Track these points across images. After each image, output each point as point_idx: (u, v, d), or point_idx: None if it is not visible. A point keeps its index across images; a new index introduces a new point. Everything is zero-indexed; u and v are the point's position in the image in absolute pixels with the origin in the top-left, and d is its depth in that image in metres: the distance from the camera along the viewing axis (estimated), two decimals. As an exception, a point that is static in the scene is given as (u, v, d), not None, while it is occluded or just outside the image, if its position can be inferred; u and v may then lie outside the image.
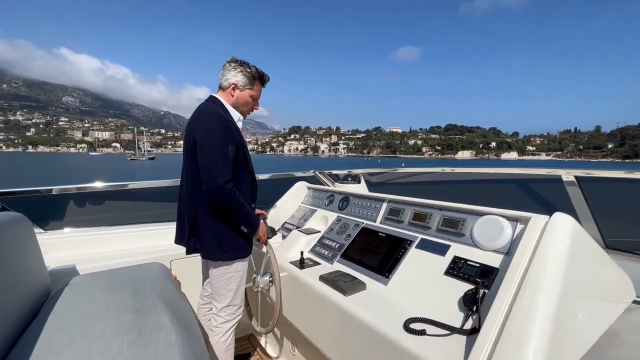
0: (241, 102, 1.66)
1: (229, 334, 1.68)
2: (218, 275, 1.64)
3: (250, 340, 2.42)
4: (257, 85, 1.68)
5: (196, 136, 1.49)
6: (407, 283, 1.37)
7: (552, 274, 0.96)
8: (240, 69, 1.62)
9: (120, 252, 2.19)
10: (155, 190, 2.75)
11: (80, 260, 2.00)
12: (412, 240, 1.54)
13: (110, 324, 1.23)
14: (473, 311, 1.09)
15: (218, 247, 1.58)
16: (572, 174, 1.58)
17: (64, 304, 1.43)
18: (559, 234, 1.04)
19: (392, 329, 1.13)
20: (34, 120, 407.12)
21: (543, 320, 0.89)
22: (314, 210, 2.35)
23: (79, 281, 1.67)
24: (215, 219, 1.57)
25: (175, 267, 2.18)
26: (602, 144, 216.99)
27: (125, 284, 1.62)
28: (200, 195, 1.55)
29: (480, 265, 1.22)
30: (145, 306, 1.37)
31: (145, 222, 2.49)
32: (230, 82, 1.62)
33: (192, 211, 1.60)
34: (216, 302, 1.69)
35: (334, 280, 1.49)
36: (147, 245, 2.31)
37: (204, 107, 1.59)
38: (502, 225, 1.26)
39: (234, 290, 1.67)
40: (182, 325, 1.24)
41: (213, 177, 1.44)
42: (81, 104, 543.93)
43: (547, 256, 1.00)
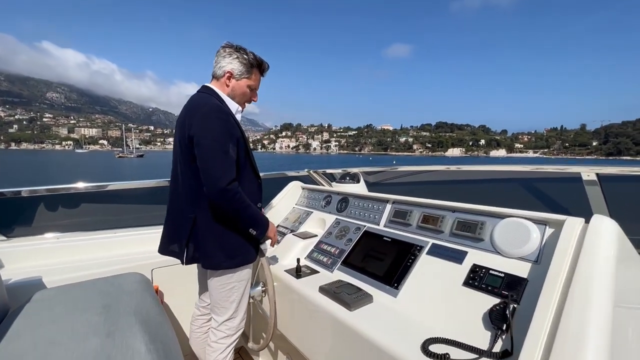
0: (238, 92, 1.47)
1: (229, 351, 1.50)
2: (219, 285, 1.45)
3: (241, 353, 2.23)
4: (256, 74, 1.49)
5: (192, 132, 1.31)
6: (420, 295, 1.21)
7: (601, 286, 0.82)
8: (236, 55, 1.43)
9: (95, 260, 1.97)
10: (135, 192, 2.53)
11: (47, 271, 1.77)
12: (422, 246, 1.38)
13: (74, 351, 1.03)
14: (502, 330, 0.94)
15: (223, 254, 1.39)
16: (594, 171, 1.45)
17: (21, 325, 1.22)
18: (604, 240, 0.90)
19: (408, 351, 0.97)
20: (17, 117, 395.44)
21: (597, 340, 0.74)
22: (309, 212, 2.18)
23: (42, 297, 1.45)
24: (219, 222, 1.38)
25: (157, 277, 1.98)
26: (587, 142, 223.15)
27: (97, 299, 1.41)
28: (200, 198, 1.37)
29: (506, 276, 1.07)
30: (118, 327, 1.17)
31: (124, 226, 2.27)
32: (225, 71, 1.43)
33: (190, 216, 1.40)
34: (216, 315, 1.50)
35: (335, 292, 1.32)
36: (125, 253, 2.10)
37: (198, 99, 1.40)
38: (528, 229, 1.11)
39: (237, 302, 1.49)
40: (159, 351, 1.05)
41: (215, 178, 1.27)
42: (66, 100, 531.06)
43: (593, 266, 0.86)
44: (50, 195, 2.25)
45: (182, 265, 2.05)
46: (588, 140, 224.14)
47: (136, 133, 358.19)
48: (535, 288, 0.97)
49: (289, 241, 1.93)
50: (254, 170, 1.51)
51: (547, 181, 1.92)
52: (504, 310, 0.96)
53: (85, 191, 2.38)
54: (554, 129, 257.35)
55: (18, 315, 1.28)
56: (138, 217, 2.48)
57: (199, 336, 1.66)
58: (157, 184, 2.50)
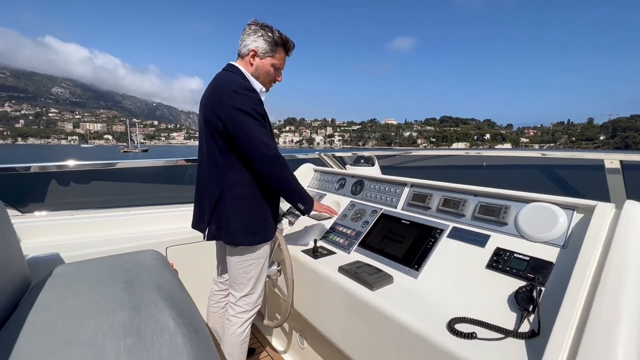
0: (261, 71, 1.46)
1: (247, 326, 1.53)
2: (238, 262, 1.48)
3: (253, 331, 2.27)
4: (280, 52, 1.46)
5: (222, 110, 1.31)
6: (442, 277, 1.22)
7: (636, 272, 0.82)
8: (261, 33, 1.40)
9: (110, 238, 1.98)
10: (148, 171, 2.52)
11: (63, 247, 1.78)
12: (442, 229, 1.39)
13: (102, 323, 1.04)
14: (529, 311, 0.95)
15: (244, 230, 1.41)
16: (617, 158, 1.44)
17: (46, 298, 1.23)
18: (637, 226, 0.90)
19: (433, 330, 0.99)
20: (23, 112, 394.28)
21: (631, 324, 0.75)
22: (322, 195, 2.18)
23: (63, 271, 1.47)
24: (242, 200, 1.41)
25: (171, 255, 1.99)
26: (594, 136, 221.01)
27: (117, 274, 1.42)
28: (224, 175, 1.40)
29: (531, 259, 1.08)
30: (143, 301, 1.18)
31: (137, 205, 2.27)
32: (249, 49, 1.41)
33: (214, 192, 1.42)
34: (234, 290, 1.54)
35: (356, 273, 1.33)
36: (140, 231, 2.11)
37: (225, 77, 1.40)
38: (555, 214, 1.11)
39: (255, 278, 1.51)
40: (187, 325, 1.06)
41: (264, 146, 1.30)
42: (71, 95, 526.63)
43: (626, 251, 0.86)
44: (60, 172, 2.24)
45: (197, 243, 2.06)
46: (595, 135, 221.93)
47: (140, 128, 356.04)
48: (562, 272, 0.98)
49: (304, 223, 1.93)
50: None
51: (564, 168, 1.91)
52: (531, 292, 0.97)
53: (94, 169, 2.37)
54: (561, 123, 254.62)
55: (42, 288, 1.30)
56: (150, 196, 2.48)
57: (217, 311, 1.69)
58: (165, 163, 2.48)
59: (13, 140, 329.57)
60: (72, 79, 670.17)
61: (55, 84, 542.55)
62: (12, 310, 1.17)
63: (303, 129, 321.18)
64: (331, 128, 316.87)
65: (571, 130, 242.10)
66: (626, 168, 1.52)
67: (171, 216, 2.26)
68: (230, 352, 1.52)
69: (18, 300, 1.26)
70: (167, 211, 2.27)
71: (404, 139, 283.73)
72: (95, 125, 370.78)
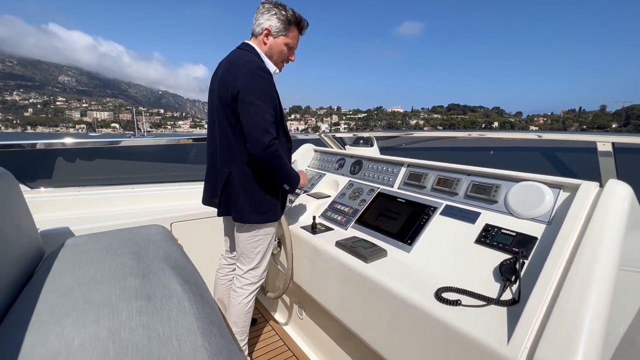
0: (275, 51, 1.47)
1: (252, 297, 1.63)
2: (247, 237, 1.54)
3: (255, 304, 2.38)
4: (294, 31, 1.47)
5: (236, 89, 1.32)
6: (433, 251, 1.29)
7: (610, 246, 0.88)
8: (274, 12, 1.40)
9: (117, 213, 2.06)
10: (152, 149, 2.57)
11: (72, 220, 1.86)
12: (436, 207, 1.45)
13: (115, 288, 1.13)
14: (511, 281, 1.02)
15: (253, 209, 1.46)
16: (609, 140, 1.48)
17: (61, 266, 1.31)
18: (617, 203, 0.95)
19: (422, 298, 1.06)
20: (31, 100, 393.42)
21: (600, 294, 0.82)
22: (322, 175, 2.23)
23: (74, 242, 1.55)
24: (251, 179, 1.44)
25: (175, 230, 2.07)
26: (606, 124, 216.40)
27: (126, 245, 1.50)
28: (235, 154, 1.42)
29: (517, 234, 1.14)
30: (152, 270, 1.26)
31: (142, 182, 2.34)
32: (263, 27, 1.42)
33: (225, 170, 1.46)
34: (241, 264, 1.62)
35: (352, 247, 1.40)
36: (144, 207, 2.18)
37: (240, 55, 1.41)
38: (542, 192, 1.16)
39: (262, 252, 1.59)
40: (193, 291, 1.14)
41: (258, 134, 1.30)
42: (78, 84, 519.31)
43: (604, 226, 0.91)
44: (66, 149, 2.29)
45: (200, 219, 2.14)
46: (607, 122, 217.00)
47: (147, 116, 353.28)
48: (545, 246, 1.04)
49: (303, 201, 2.00)
50: (286, 133, 1.55)
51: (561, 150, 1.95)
52: (514, 264, 1.04)
53: (99, 147, 2.42)
54: (572, 110, 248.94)
55: (55, 258, 1.38)
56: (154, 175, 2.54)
57: (224, 283, 1.79)
58: (169, 141, 2.53)
59: (23, 128, 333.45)
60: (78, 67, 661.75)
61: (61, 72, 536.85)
62: (28, 279, 1.25)
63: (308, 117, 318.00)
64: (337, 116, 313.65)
65: (582, 117, 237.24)
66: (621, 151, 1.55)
67: (175, 194, 2.33)
68: (235, 320, 1.62)
69: (33, 270, 1.34)
70: (172, 189, 2.34)
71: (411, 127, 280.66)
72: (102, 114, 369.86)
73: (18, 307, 1.02)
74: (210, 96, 1.52)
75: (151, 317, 0.94)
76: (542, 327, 0.83)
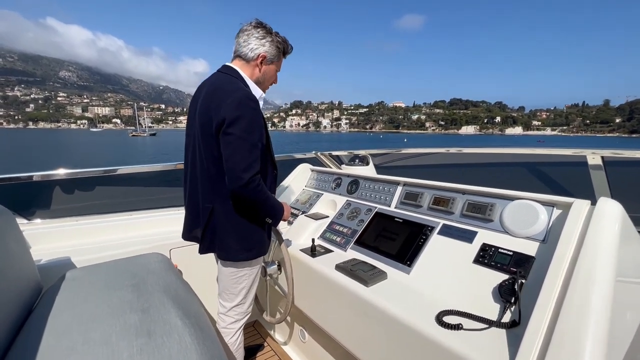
0: (267, 77, 1.44)
1: (239, 334, 1.57)
2: (230, 273, 1.47)
3: (256, 327, 2.36)
4: (281, 58, 1.47)
5: (219, 119, 1.24)
6: (432, 272, 1.30)
7: (605, 264, 0.89)
8: (270, 38, 1.37)
9: (116, 242, 2.05)
10: (149, 175, 2.58)
11: (71, 252, 1.85)
12: (433, 226, 1.46)
13: (115, 325, 1.12)
14: (511, 303, 1.03)
15: (240, 246, 1.39)
16: (599, 154, 1.51)
17: (60, 303, 1.30)
18: (609, 221, 0.97)
19: (423, 323, 1.06)
20: (33, 96, 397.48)
21: (599, 313, 0.83)
22: (319, 194, 2.25)
23: (73, 276, 1.54)
24: (237, 214, 1.37)
25: (175, 256, 2.07)
26: (609, 119, 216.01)
27: (125, 278, 1.50)
28: (218, 188, 1.34)
29: (514, 254, 1.15)
30: (151, 303, 1.26)
31: (140, 208, 2.34)
32: (258, 53, 1.36)
33: (208, 206, 1.38)
34: (224, 300, 1.54)
35: (352, 270, 1.40)
36: (143, 234, 2.18)
37: (226, 83, 1.32)
38: (536, 211, 1.18)
39: (247, 289, 1.52)
40: (194, 325, 1.14)
41: (239, 170, 1.23)
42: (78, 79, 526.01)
43: (597, 245, 0.93)
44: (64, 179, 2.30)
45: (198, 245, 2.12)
46: (611, 117, 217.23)
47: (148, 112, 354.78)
48: (542, 265, 1.05)
49: (302, 222, 2.00)
50: (272, 161, 1.50)
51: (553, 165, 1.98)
52: (513, 285, 1.04)
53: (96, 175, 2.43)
54: (575, 105, 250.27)
55: (54, 293, 1.37)
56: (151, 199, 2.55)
57: None
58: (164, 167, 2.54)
59: (24, 124, 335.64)
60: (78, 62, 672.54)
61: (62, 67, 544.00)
62: (27, 315, 1.24)
63: (310, 112, 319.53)
64: (338, 111, 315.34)
65: (586, 112, 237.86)
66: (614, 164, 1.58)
67: (173, 218, 2.33)
68: None
69: (31, 306, 1.33)
70: (170, 214, 2.34)
71: (412, 122, 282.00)
72: (104, 109, 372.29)
73: (16, 349, 1.01)
74: (190, 123, 1.42)
75: (152, 356, 0.93)
76: (544, 350, 0.83)
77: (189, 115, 1.45)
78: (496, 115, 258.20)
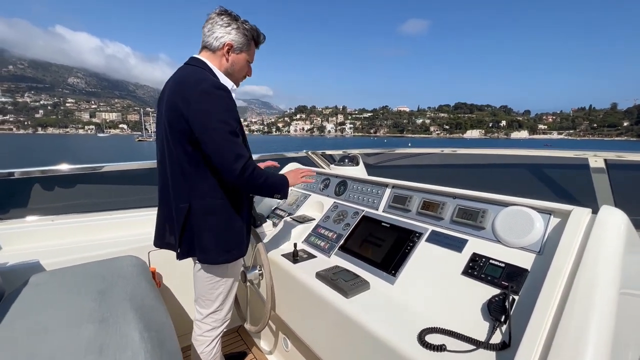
0: (237, 68, 1.35)
1: (215, 342, 1.46)
2: (206, 277, 1.37)
3: (240, 332, 2.27)
4: (252, 46, 1.37)
5: (190, 113, 1.16)
6: (418, 283, 1.19)
7: (608, 279, 0.79)
8: (236, 26, 1.28)
9: (92, 243, 1.95)
10: (132, 173, 2.48)
11: (43, 253, 1.76)
12: (421, 233, 1.36)
13: (66, 338, 1.02)
14: (501, 322, 0.93)
15: (219, 247, 1.30)
16: (602, 157, 1.39)
17: (15, 311, 1.21)
18: (612, 232, 0.86)
19: (404, 342, 0.96)
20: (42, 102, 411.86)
21: (600, 335, 0.72)
22: (307, 195, 2.14)
23: (37, 280, 1.45)
24: (214, 213, 1.29)
25: (154, 260, 1.97)
26: (617, 122, 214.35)
27: (92, 283, 1.40)
28: (194, 185, 1.26)
29: (506, 266, 1.05)
30: (112, 313, 1.16)
31: (120, 208, 2.24)
32: (223, 42, 1.28)
33: (182, 205, 1.27)
34: (200, 307, 1.44)
35: (332, 279, 1.30)
36: (122, 235, 2.08)
37: (191, 74, 1.23)
38: (531, 219, 1.07)
39: (224, 294, 1.42)
40: (153, 339, 1.04)
41: (229, 163, 1.17)
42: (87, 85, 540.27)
43: (599, 258, 0.82)
44: (44, 177, 2.21)
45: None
46: (618, 121, 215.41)
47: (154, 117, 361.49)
48: (537, 280, 0.95)
49: (287, 225, 1.90)
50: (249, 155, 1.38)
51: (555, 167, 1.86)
52: (503, 302, 0.94)
53: (77, 173, 2.33)
54: (582, 108, 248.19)
55: (13, 300, 1.27)
56: (134, 199, 2.45)
57: None
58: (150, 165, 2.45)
59: (34, 130, 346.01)
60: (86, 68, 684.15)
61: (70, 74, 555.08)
62: None
63: (314, 116, 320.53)
64: (342, 116, 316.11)
65: (593, 116, 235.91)
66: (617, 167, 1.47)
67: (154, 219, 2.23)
68: None
69: None
70: (151, 214, 2.24)
71: (417, 126, 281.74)
72: (111, 115, 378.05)
73: None
74: (158, 121, 1.34)
75: (95, 378, 0.83)
76: None
77: (157, 114, 1.36)
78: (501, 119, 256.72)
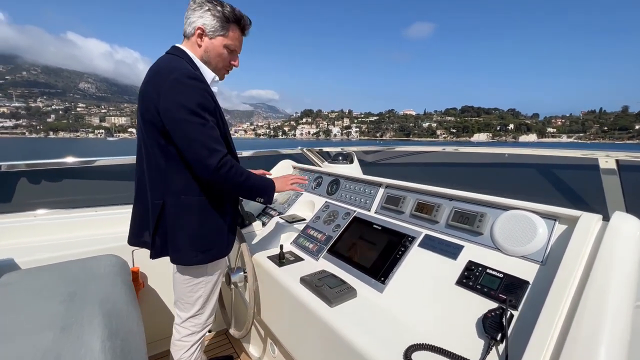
0: (212, 54, 1.23)
1: (195, 348, 1.37)
2: (185, 279, 1.29)
3: (228, 335, 2.19)
4: (234, 30, 1.24)
5: (161, 105, 1.09)
6: (408, 292, 1.09)
7: (621, 294, 0.69)
8: (207, 7, 1.17)
9: (74, 240, 1.88)
10: (120, 168, 2.41)
11: (22, 250, 1.69)
12: (414, 237, 1.25)
13: (22, 346, 0.94)
14: (497, 340, 0.82)
15: (194, 247, 1.21)
16: (613, 157, 1.28)
17: None
18: (625, 243, 0.76)
19: (389, 359, 0.86)
20: (54, 107, 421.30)
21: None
22: (299, 194, 2.05)
23: (7, 280, 1.37)
24: (189, 210, 1.20)
25: (138, 258, 1.89)
26: (628, 125, 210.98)
27: (64, 285, 1.32)
28: (168, 181, 1.18)
29: (505, 276, 0.94)
30: (78, 319, 1.07)
31: (106, 204, 2.17)
32: (195, 27, 1.19)
33: (156, 202, 1.20)
34: (179, 310, 1.36)
35: (317, 285, 1.21)
36: (106, 232, 2.00)
37: (167, 62, 1.16)
38: (534, 224, 0.97)
39: (204, 297, 1.33)
40: (116, 349, 0.95)
41: (203, 157, 1.09)
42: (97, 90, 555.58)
43: (611, 271, 0.72)
44: (29, 170, 2.14)
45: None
46: (630, 124, 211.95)
47: None
48: (539, 294, 0.85)
49: (276, 225, 1.81)
50: (232, 151, 1.29)
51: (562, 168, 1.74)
52: (500, 318, 0.84)
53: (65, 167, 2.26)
54: (592, 111, 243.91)
55: None
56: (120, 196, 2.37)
57: None
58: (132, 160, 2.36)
59: (45, 134, 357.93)
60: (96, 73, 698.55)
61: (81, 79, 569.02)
62: None
63: (320, 120, 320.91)
64: (348, 119, 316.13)
65: (603, 119, 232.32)
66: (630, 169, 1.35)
67: None
68: None
69: None
70: None
71: (423, 129, 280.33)
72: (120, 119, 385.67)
73: None
74: (137, 113, 1.27)
75: (41, 395, 0.75)
76: None
77: (137, 106, 1.27)
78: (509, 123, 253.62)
